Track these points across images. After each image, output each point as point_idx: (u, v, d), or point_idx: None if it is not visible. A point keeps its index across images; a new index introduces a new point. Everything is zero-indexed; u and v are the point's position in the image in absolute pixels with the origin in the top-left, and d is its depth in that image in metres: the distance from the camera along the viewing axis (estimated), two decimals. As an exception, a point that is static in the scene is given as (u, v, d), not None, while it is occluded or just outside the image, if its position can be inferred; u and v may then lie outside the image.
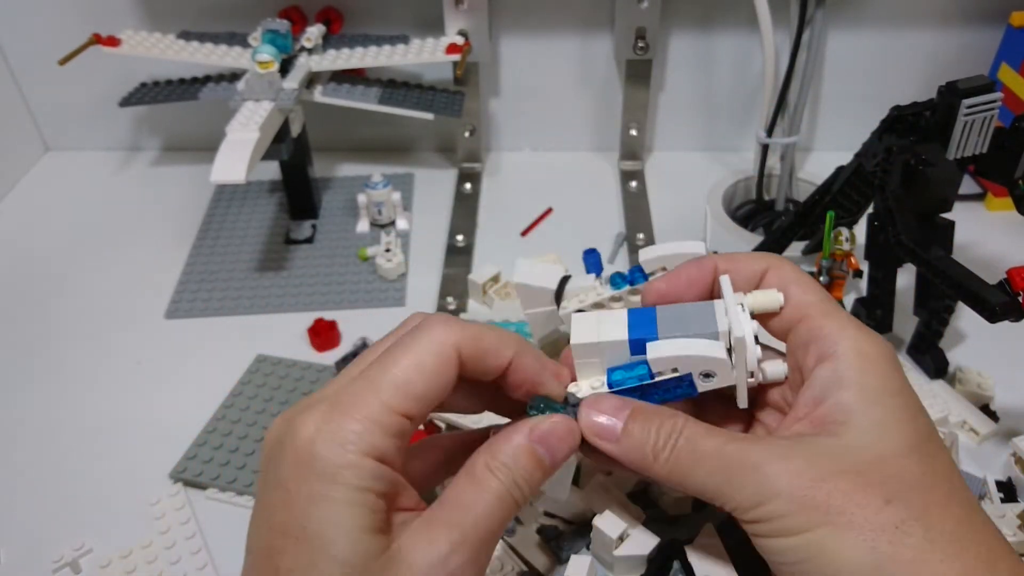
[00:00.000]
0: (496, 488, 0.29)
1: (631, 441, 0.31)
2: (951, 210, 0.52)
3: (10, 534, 0.49)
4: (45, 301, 0.67)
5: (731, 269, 0.34)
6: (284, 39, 0.67)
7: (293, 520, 0.27)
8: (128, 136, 0.84)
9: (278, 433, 0.29)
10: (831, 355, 0.31)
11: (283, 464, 0.28)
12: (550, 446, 0.31)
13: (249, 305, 0.66)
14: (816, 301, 0.33)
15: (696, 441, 0.30)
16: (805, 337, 0.32)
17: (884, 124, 0.53)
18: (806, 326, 0.32)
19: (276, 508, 0.28)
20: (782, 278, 0.33)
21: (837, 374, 0.30)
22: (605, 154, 0.83)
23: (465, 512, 0.29)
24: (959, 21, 0.74)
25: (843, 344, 0.30)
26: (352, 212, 0.75)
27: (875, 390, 0.29)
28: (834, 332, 0.31)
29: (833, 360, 0.30)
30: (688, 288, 0.35)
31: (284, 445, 0.28)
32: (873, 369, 0.30)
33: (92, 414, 0.57)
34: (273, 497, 0.28)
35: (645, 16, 0.72)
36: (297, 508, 0.27)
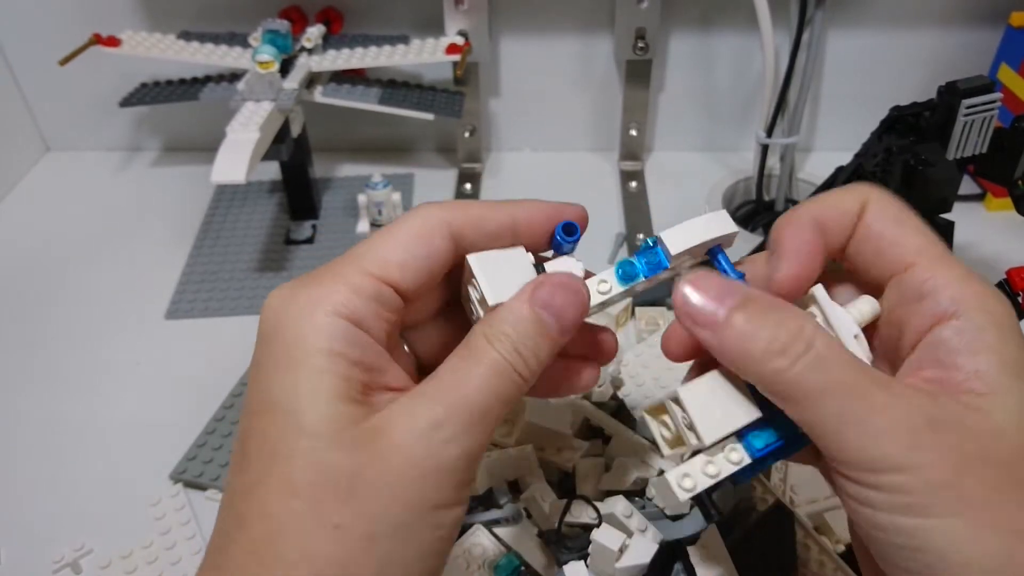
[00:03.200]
0: (494, 359, 0.26)
1: (734, 333, 0.26)
2: (951, 210, 0.52)
3: (10, 534, 0.49)
4: (45, 301, 0.67)
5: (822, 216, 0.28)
6: (284, 39, 0.67)
7: (260, 395, 0.25)
8: (128, 136, 0.84)
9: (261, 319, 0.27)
10: (954, 313, 0.26)
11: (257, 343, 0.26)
12: (555, 310, 0.27)
13: (249, 305, 0.66)
14: (926, 244, 0.27)
15: (831, 362, 0.25)
16: (914, 290, 0.27)
17: (884, 124, 0.53)
18: (915, 277, 0.27)
19: (250, 388, 0.26)
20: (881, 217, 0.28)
21: (967, 337, 0.25)
22: (605, 154, 0.83)
23: (457, 384, 0.26)
24: (959, 21, 0.74)
25: (969, 301, 0.26)
26: (352, 212, 0.75)
27: (1015, 363, 0.25)
28: (953, 286, 0.26)
29: (958, 319, 0.26)
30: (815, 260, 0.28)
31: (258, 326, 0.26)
32: (1009, 336, 0.25)
33: (92, 414, 0.57)
34: (249, 377, 0.26)
35: (645, 16, 0.72)
36: (263, 381, 0.25)
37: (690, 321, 0.27)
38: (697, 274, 0.27)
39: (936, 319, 0.26)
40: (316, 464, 0.24)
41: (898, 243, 0.28)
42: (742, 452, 0.28)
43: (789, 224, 0.29)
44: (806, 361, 0.25)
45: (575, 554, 0.42)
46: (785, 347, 0.25)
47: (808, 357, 0.25)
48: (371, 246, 0.27)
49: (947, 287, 0.26)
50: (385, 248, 0.27)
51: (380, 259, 0.27)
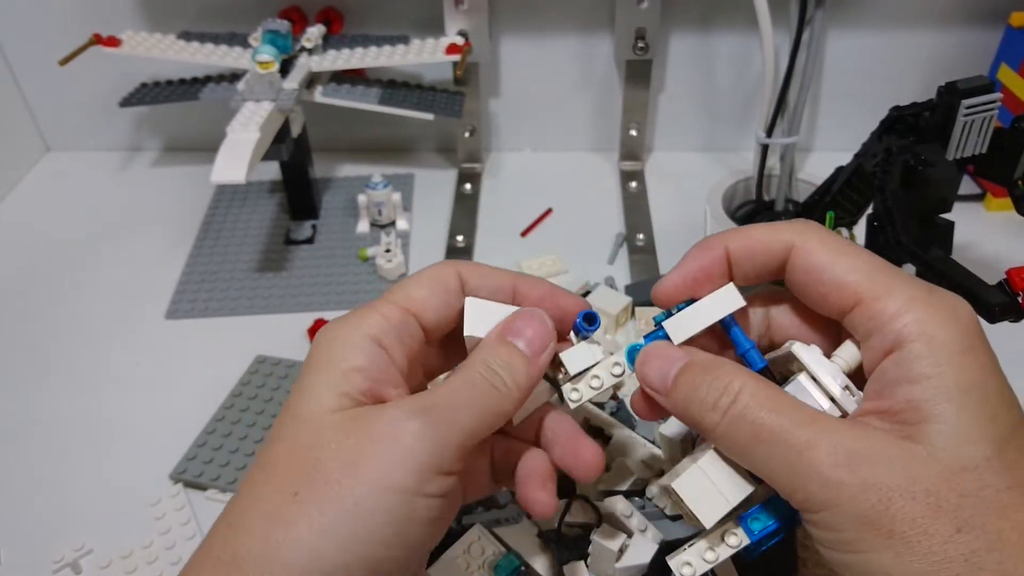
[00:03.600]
0: (466, 374, 0.31)
1: (679, 397, 0.29)
2: (951, 210, 0.52)
3: (10, 534, 0.49)
4: (45, 301, 0.67)
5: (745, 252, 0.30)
6: (284, 39, 0.67)
7: (290, 397, 0.31)
8: (128, 136, 0.84)
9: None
10: (897, 344, 0.27)
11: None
12: (518, 332, 0.32)
13: (249, 305, 0.66)
14: (863, 277, 0.28)
15: (756, 412, 0.27)
16: (862, 329, 0.28)
17: (884, 124, 0.53)
18: (860, 315, 0.28)
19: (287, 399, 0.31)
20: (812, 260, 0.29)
21: (905, 368, 0.26)
22: (605, 154, 0.83)
23: (434, 392, 0.30)
24: (959, 21, 0.74)
25: (909, 329, 0.26)
26: (352, 212, 0.75)
27: (951, 387, 0.26)
28: (895, 316, 0.27)
29: (900, 350, 0.27)
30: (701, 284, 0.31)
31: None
32: (949, 359, 0.26)
33: (92, 414, 0.57)
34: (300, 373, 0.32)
35: (645, 16, 0.72)
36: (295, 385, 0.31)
37: (648, 389, 0.31)
38: (649, 348, 0.31)
39: (884, 353, 0.27)
40: (292, 442, 0.29)
41: (838, 285, 0.28)
42: (741, 535, 0.30)
43: (699, 246, 0.32)
44: (733, 413, 0.27)
45: (575, 554, 0.42)
46: (715, 403, 0.28)
47: (734, 409, 0.27)
48: (400, 286, 0.33)
49: (889, 320, 0.27)
50: (408, 286, 0.33)
51: (405, 294, 0.33)
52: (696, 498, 0.29)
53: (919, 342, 0.26)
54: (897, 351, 0.27)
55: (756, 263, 0.30)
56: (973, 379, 0.26)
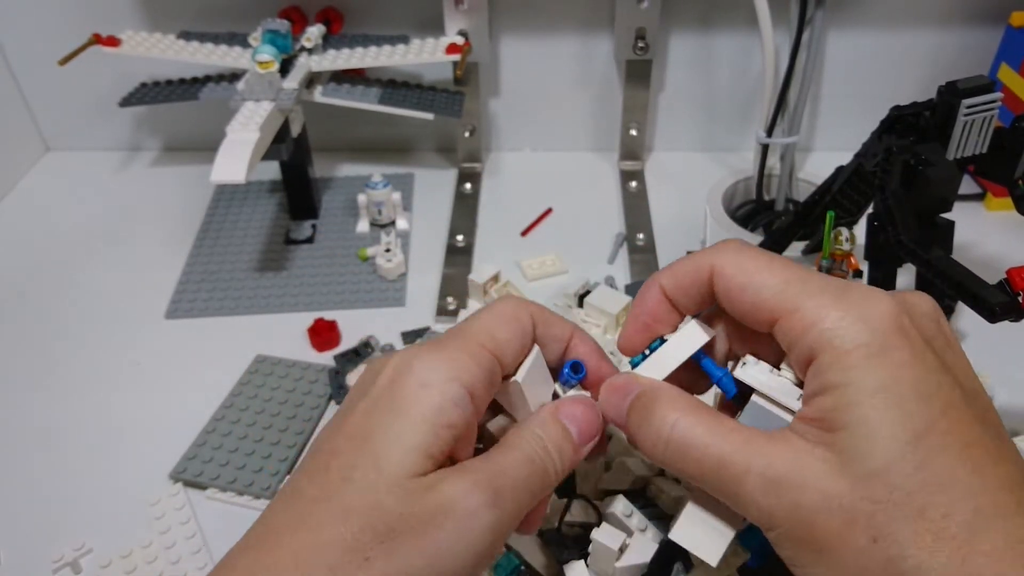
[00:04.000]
0: (525, 450, 0.30)
1: (633, 427, 0.31)
2: (951, 210, 0.52)
3: (10, 534, 0.49)
4: (45, 301, 0.67)
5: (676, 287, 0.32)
6: (284, 39, 0.67)
7: (363, 427, 0.29)
8: (128, 136, 0.84)
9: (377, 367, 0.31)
10: (811, 356, 0.27)
11: (378, 383, 0.30)
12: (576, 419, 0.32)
13: (249, 305, 0.66)
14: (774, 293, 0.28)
15: (688, 439, 0.29)
16: (784, 342, 0.29)
17: (884, 124, 0.53)
18: (780, 329, 0.28)
19: (354, 416, 0.30)
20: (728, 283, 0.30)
21: (819, 380, 0.27)
22: (605, 154, 0.83)
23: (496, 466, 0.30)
24: (959, 21, 0.74)
25: (820, 340, 0.27)
26: (352, 212, 0.75)
27: (860, 390, 0.26)
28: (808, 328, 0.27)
29: (815, 362, 0.27)
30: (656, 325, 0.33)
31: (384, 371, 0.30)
32: (856, 362, 0.26)
33: (92, 414, 0.57)
34: (357, 407, 0.30)
35: (645, 16, 0.72)
36: (372, 418, 0.29)
37: (611, 422, 0.32)
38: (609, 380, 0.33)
39: (803, 367, 0.28)
40: (373, 502, 0.28)
41: (754, 304, 0.29)
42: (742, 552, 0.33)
43: (640, 292, 0.33)
44: (672, 447, 0.29)
45: (575, 554, 0.42)
46: (656, 440, 0.29)
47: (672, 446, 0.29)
48: (479, 323, 0.32)
49: (801, 335, 0.27)
50: (493, 327, 0.32)
51: (493, 336, 0.31)
52: (696, 542, 0.30)
53: (827, 352, 0.27)
54: (812, 364, 0.27)
55: (690, 294, 0.32)
56: (882, 380, 0.26)
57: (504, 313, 0.32)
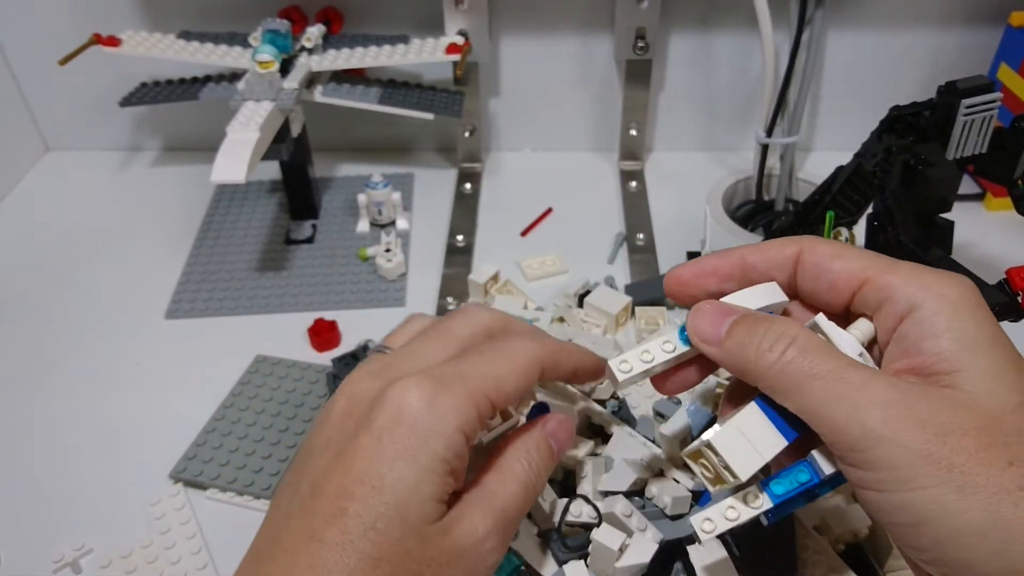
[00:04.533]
0: (520, 479, 0.33)
1: (733, 343, 0.31)
2: (951, 210, 0.52)
3: (10, 534, 0.49)
4: (45, 301, 0.67)
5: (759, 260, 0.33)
6: (284, 39, 0.67)
7: (374, 470, 0.30)
8: (128, 136, 0.84)
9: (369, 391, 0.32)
10: (912, 307, 0.28)
11: (379, 418, 0.31)
12: (558, 438, 0.35)
13: (249, 305, 0.66)
14: (870, 262, 0.30)
15: (811, 354, 0.28)
16: (873, 302, 0.30)
17: (884, 124, 0.53)
18: (871, 290, 0.30)
19: (360, 455, 0.30)
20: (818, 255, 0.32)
21: (926, 324, 0.28)
22: (605, 154, 0.83)
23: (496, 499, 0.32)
24: (959, 21, 0.74)
25: (921, 293, 0.28)
26: (352, 212, 0.75)
27: (972, 338, 0.27)
28: (905, 284, 0.29)
29: (917, 311, 0.28)
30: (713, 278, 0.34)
31: (384, 403, 0.31)
32: (965, 313, 0.28)
33: (92, 414, 0.57)
34: (360, 444, 0.30)
35: (645, 16, 0.72)
36: (383, 460, 0.30)
37: (698, 340, 0.32)
38: (700, 304, 0.33)
39: (898, 319, 0.29)
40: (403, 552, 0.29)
41: (844, 270, 0.31)
42: (764, 498, 0.31)
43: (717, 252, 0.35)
44: (792, 352, 0.29)
45: (575, 554, 0.42)
46: (773, 345, 0.29)
47: (793, 349, 0.29)
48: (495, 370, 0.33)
49: (899, 288, 0.29)
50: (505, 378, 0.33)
51: (497, 387, 0.33)
52: (731, 452, 0.30)
53: (933, 301, 0.28)
54: (913, 313, 0.28)
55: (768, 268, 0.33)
56: (990, 331, 0.28)
57: (517, 365, 0.34)
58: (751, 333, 0.30)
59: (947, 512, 0.25)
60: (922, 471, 0.25)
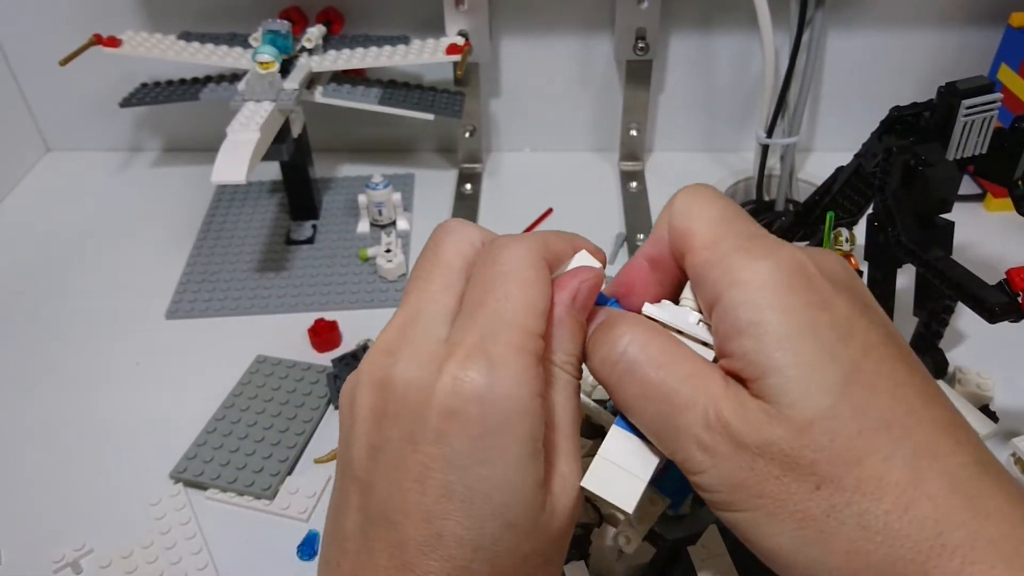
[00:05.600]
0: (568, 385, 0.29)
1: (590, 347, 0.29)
2: (951, 210, 0.52)
3: (11, 534, 0.49)
4: (45, 301, 0.67)
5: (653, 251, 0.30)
6: (285, 40, 0.67)
7: (458, 481, 0.25)
8: (129, 136, 0.84)
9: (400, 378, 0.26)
10: (716, 297, 0.26)
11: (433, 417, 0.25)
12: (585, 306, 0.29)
13: (249, 305, 0.66)
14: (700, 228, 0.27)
15: (643, 368, 0.26)
16: (694, 274, 0.27)
17: (884, 124, 0.53)
18: (691, 262, 0.27)
19: (433, 467, 0.25)
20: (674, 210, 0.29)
21: (729, 320, 0.25)
22: (605, 154, 0.83)
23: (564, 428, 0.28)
24: (959, 21, 0.74)
25: (724, 279, 0.25)
26: (352, 212, 0.75)
27: (780, 332, 0.24)
28: (715, 266, 0.26)
29: (719, 303, 0.25)
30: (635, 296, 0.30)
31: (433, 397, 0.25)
32: (770, 302, 0.24)
33: (92, 414, 0.57)
34: (425, 452, 0.25)
35: (645, 16, 0.72)
36: (462, 467, 0.25)
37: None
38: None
39: (709, 307, 0.26)
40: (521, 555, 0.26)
41: (679, 230, 0.28)
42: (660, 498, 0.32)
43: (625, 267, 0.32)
44: (621, 368, 0.27)
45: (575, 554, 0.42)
46: (604, 359, 0.27)
47: (620, 366, 0.27)
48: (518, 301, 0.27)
49: (710, 270, 0.26)
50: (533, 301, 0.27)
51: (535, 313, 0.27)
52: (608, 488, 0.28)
53: (734, 290, 0.25)
54: (717, 305, 0.26)
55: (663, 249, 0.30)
56: (801, 320, 0.24)
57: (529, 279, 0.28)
58: (597, 344, 0.28)
59: (762, 535, 0.25)
60: (737, 497, 0.25)
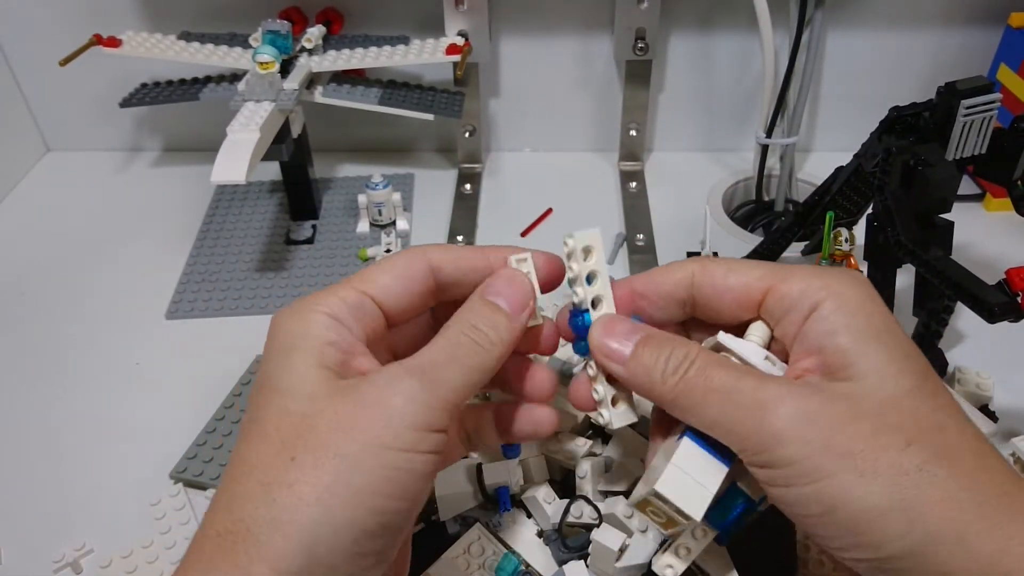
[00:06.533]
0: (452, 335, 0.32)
1: (639, 364, 0.32)
2: (950, 210, 0.52)
3: (11, 534, 0.49)
4: (45, 301, 0.67)
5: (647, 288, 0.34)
6: (284, 40, 0.67)
7: (258, 379, 0.31)
8: (129, 136, 0.84)
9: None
10: (813, 307, 0.30)
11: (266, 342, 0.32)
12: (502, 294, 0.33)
13: (249, 305, 0.66)
14: (766, 271, 0.32)
15: (708, 371, 0.30)
16: (779, 308, 0.32)
17: (883, 124, 0.53)
18: (774, 298, 0.32)
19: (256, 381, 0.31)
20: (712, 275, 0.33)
21: (825, 324, 0.30)
22: (605, 154, 0.83)
23: (419, 355, 0.31)
24: (959, 21, 0.74)
25: (821, 293, 0.30)
26: (352, 213, 0.75)
27: (867, 331, 0.29)
28: (804, 289, 0.31)
29: (817, 311, 0.30)
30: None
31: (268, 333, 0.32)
32: (858, 310, 0.30)
33: (92, 414, 0.57)
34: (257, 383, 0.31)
35: (645, 17, 0.72)
36: (262, 368, 0.31)
37: (603, 357, 0.33)
38: (606, 318, 0.34)
39: (802, 320, 0.31)
40: (282, 413, 0.29)
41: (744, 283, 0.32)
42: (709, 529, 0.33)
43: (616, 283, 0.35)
44: (692, 372, 0.30)
45: (575, 554, 0.42)
46: (676, 367, 0.30)
47: (694, 368, 0.30)
48: (363, 272, 0.34)
49: (801, 292, 0.31)
50: (372, 272, 0.33)
51: (366, 279, 0.33)
52: (681, 495, 0.30)
53: (830, 300, 0.30)
54: (814, 313, 0.30)
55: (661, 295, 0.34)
56: (883, 324, 0.30)
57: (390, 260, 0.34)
58: (656, 356, 0.31)
59: (851, 497, 0.26)
60: (823, 462, 0.27)
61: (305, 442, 0.28)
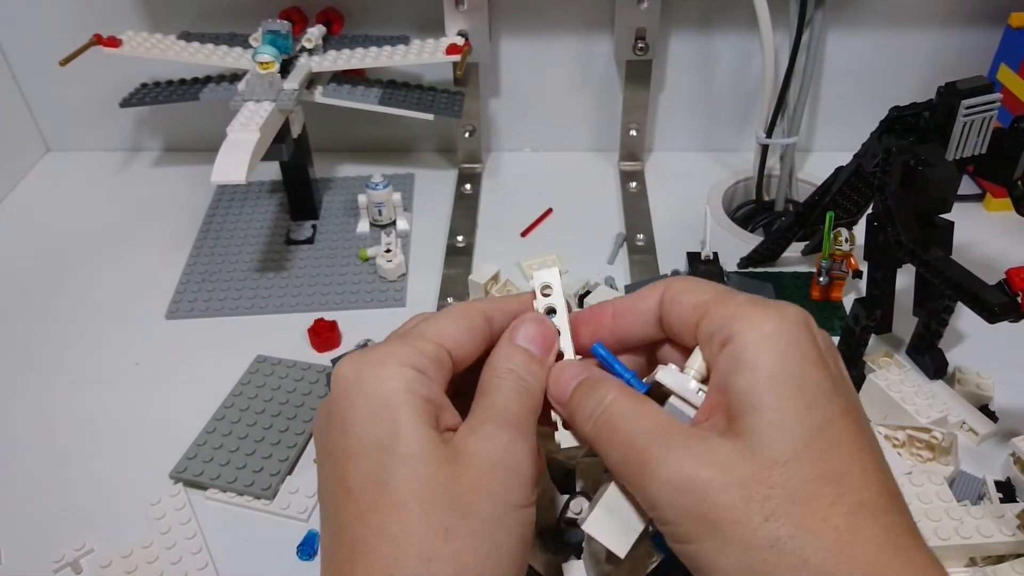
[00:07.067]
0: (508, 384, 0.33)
1: (573, 409, 0.32)
2: (950, 210, 0.52)
3: (11, 534, 0.49)
4: (45, 301, 0.67)
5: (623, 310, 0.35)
6: (285, 40, 0.67)
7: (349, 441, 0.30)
8: (129, 136, 0.84)
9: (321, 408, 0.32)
10: (726, 340, 0.29)
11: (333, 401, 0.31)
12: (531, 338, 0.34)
13: (249, 305, 0.66)
14: (712, 295, 0.31)
15: (613, 421, 0.30)
16: (703, 336, 0.31)
17: (883, 124, 0.53)
18: (706, 322, 0.31)
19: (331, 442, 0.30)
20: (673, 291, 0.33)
21: (730, 361, 0.29)
22: (605, 154, 0.83)
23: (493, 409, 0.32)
24: (959, 22, 0.74)
25: (736, 326, 0.29)
26: (352, 212, 0.75)
27: (773, 375, 0.28)
28: (728, 317, 0.30)
29: (728, 345, 0.29)
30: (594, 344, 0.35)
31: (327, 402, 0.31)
32: (769, 350, 0.28)
33: (92, 414, 0.57)
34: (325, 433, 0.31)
35: (645, 17, 0.72)
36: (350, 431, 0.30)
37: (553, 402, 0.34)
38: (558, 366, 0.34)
39: (718, 350, 0.30)
40: (419, 481, 0.29)
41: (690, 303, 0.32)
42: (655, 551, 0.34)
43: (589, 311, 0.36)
44: (600, 422, 0.30)
45: (575, 554, 0.42)
46: (591, 412, 0.31)
47: (604, 416, 0.30)
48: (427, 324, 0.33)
49: (725, 321, 0.30)
50: (439, 324, 0.33)
51: (436, 331, 0.33)
52: (607, 534, 0.31)
53: (746, 334, 0.29)
54: (727, 346, 0.29)
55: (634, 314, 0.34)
56: (793, 369, 0.28)
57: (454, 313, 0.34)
58: (579, 400, 0.32)
59: (713, 565, 0.27)
60: (691, 528, 0.27)
61: (452, 512, 0.28)
